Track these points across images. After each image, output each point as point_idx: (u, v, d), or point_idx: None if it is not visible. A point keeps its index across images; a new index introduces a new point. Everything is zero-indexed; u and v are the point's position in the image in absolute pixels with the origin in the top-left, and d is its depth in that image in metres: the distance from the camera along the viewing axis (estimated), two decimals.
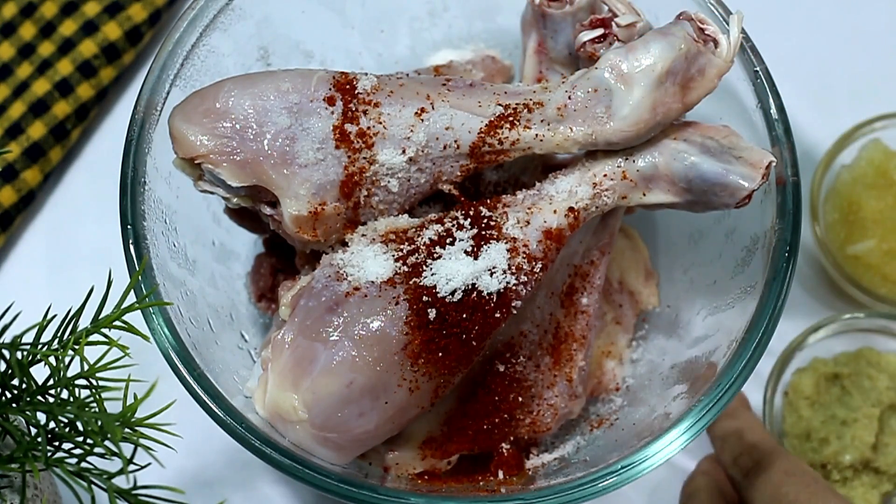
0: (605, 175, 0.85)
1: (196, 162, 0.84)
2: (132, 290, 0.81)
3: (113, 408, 0.76)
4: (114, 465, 0.78)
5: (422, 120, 0.84)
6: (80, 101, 1.05)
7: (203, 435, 0.91)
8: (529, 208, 0.85)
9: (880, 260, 1.00)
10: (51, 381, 0.78)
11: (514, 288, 0.83)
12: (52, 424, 0.77)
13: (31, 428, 0.79)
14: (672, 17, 0.85)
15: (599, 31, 0.85)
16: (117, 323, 0.77)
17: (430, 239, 0.83)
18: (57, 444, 0.78)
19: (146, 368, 0.80)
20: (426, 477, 0.90)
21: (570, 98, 0.84)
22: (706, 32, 0.84)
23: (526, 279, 0.84)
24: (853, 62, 1.10)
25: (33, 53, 1.06)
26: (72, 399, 0.76)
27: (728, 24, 0.85)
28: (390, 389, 0.82)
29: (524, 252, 0.84)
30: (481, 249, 0.83)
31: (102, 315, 0.78)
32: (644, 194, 0.85)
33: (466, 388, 0.88)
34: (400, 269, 0.83)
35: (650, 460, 0.82)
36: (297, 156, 0.83)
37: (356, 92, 0.84)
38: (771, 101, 0.88)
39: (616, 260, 0.96)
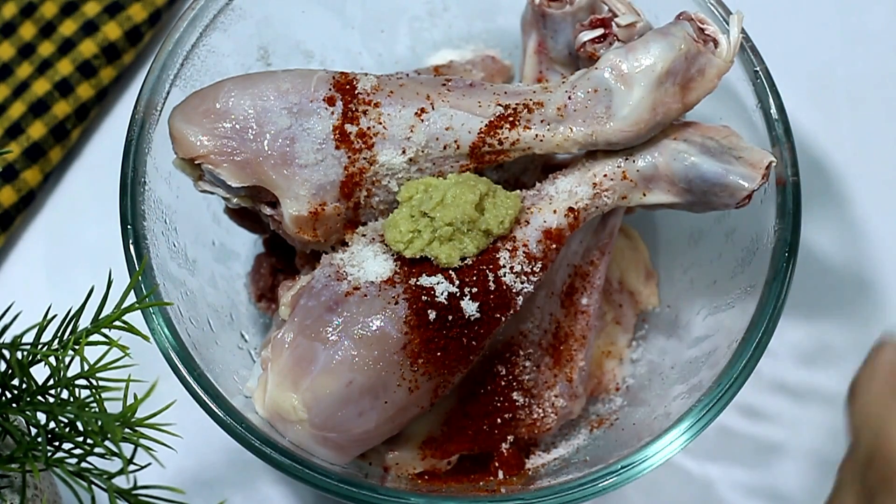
0: (605, 175, 0.85)
1: (196, 162, 0.84)
2: (132, 290, 0.81)
3: (113, 408, 0.76)
4: (114, 465, 0.78)
5: (422, 120, 0.84)
6: (80, 101, 1.05)
7: (203, 435, 0.91)
8: (529, 208, 0.85)
9: None
10: (51, 381, 0.78)
11: (513, 288, 0.83)
12: (52, 424, 0.77)
13: (31, 428, 0.79)
14: (672, 17, 0.85)
15: (599, 31, 0.85)
16: (117, 323, 0.77)
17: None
18: (57, 444, 0.78)
19: (146, 368, 0.80)
20: (426, 477, 0.90)
21: (570, 98, 0.84)
22: (706, 32, 0.84)
23: (526, 279, 0.84)
24: (853, 62, 1.10)
25: (33, 53, 1.06)
26: (72, 399, 0.76)
27: (728, 24, 0.85)
28: (390, 389, 0.82)
29: (524, 252, 0.84)
30: None
31: (102, 315, 0.78)
32: (644, 194, 0.85)
33: (466, 388, 0.88)
34: (399, 268, 0.83)
35: (650, 460, 0.82)
36: (297, 156, 0.83)
37: (356, 92, 0.84)
38: (771, 101, 0.88)
39: (616, 260, 0.96)
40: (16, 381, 0.79)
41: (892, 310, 1.04)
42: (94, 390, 0.77)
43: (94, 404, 0.76)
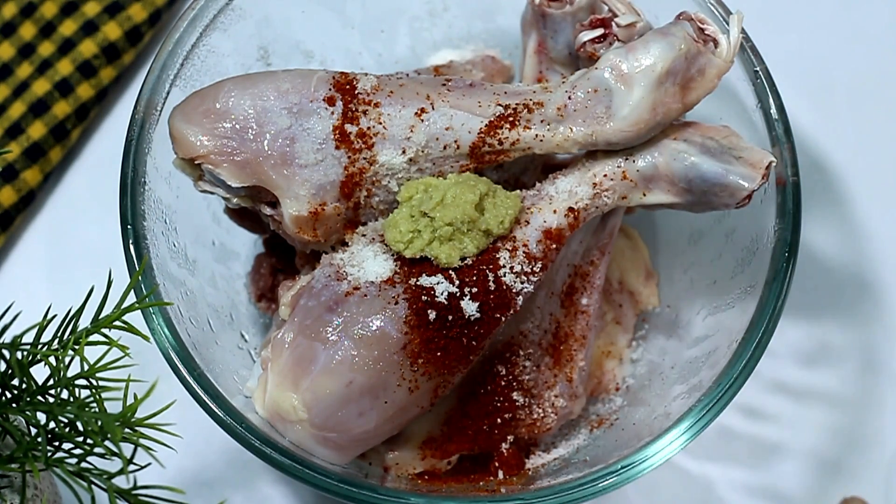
0: (605, 175, 0.85)
1: (196, 162, 0.84)
2: (132, 290, 0.81)
3: (113, 408, 0.76)
4: (114, 465, 0.78)
5: (422, 120, 0.84)
6: (80, 101, 1.05)
7: (203, 435, 0.91)
8: (529, 208, 0.85)
9: None
10: (51, 381, 0.78)
11: (513, 288, 0.83)
12: (52, 424, 0.77)
13: (31, 428, 0.79)
14: (672, 17, 0.85)
15: (599, 31, 0.85)
16: (117, 323, 0.77)
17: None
18: (57, 444, 0.78)
19: (146, 368, 0.80)
20: (426, 477, 0.90)
21: (570, 98, 0.84)
22: (706, 32, 0.84)
23: (526, 279, 0.84)
24: (853, 62, 1.10)
25: (33, 53, 1.06)
26: (72, 399, 0.76)
27: (728, 24, 0.85)
28: (390, 389, 0.82)
29: (524, 252, 0.84)
30: None
31: (102, 315, 0.78)
32: (644, 194, 0.85)
33: (466, 388, 0.88)
34: (399, 268, 0.83)
35: (650, 460, 0.82)
36: (297, 156, 0.83)
37: (356, 92, 0.84)
38: (771, 101, 0.88)
39: (616, 260, 0.96)
40: (16, 381, 0.79)
41: (892, 310, 1.04)
42: (94, 390, 0.77)
43: (94, 404, 0.76)
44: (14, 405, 0.78)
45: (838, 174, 1.07)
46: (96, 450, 0.76)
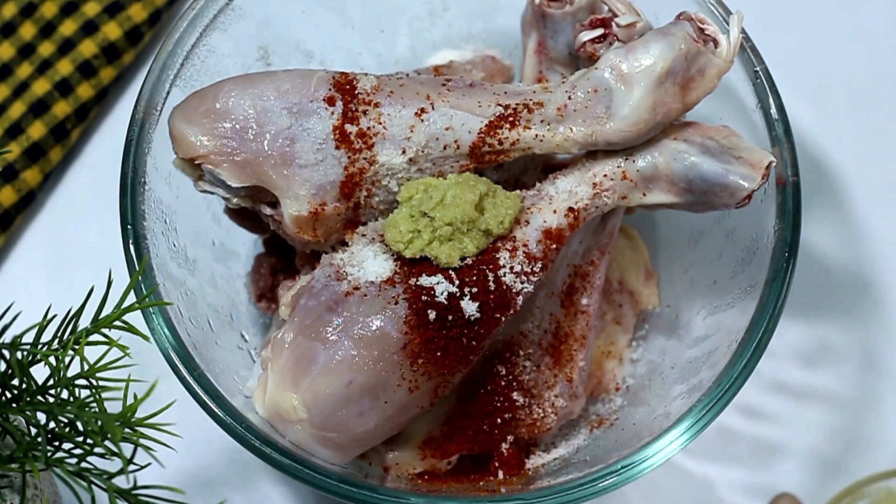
0: (605, 175, 0.85)
1: (196, 162, 0.84)
2: (132, 290, 0.81)
3: (113, 408, 0.76)
4: (114, 465, 0.78)
5: (422, 120, 0.84)
6: (80, 101, 1.05)
7: (203, 435, 0.91)
8: (529, 208, 0.85)
9: None
10: (51, 381, 0.78)
11: (513, 288, 0.83)
12: (52, 424, 0.77)
13: (31, 428, 0.79)
14: (672, 17, 0.85)
15: (599, 31, 0.85)
16: (117, 323, 0.77)
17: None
18: (57, 444, 0.78)
19: (146, 368, 0.80)
20: (426, 477, 0.90)
21: (570, 98, 0.84)
22: (706, 32, 0.84)
23: (526, 279, 0.84)
24: (853, 62, 1.10)
25: (33, 53, 1.06)
26: (72, 399, 0.76)
27: (728, 24, 0.85)
28: (390, 389, 0.82)
29: (524, 252, 0.84)
30: None
31: (102, 315, 0.78)
32: (644, 194, 0.85)
33: (466, 388, 0.88)
34: (399, 268, 0.83)
35: (650, 460, 0.82)
36: (297, 156, 0.83)
37: (356, 92, 0.84)
38: (771, 101, 0.88)
39: (616, 260, 0.97)
40: (16, 381, 0.79)
41: (892, 310, 1.04)
42: (94, 390, 0.77)
43: (94, 404, 0.76)
44: (14, 405, 0.78)
45: (838, 174, 1.07)
46: (96, 450, 0.76)
